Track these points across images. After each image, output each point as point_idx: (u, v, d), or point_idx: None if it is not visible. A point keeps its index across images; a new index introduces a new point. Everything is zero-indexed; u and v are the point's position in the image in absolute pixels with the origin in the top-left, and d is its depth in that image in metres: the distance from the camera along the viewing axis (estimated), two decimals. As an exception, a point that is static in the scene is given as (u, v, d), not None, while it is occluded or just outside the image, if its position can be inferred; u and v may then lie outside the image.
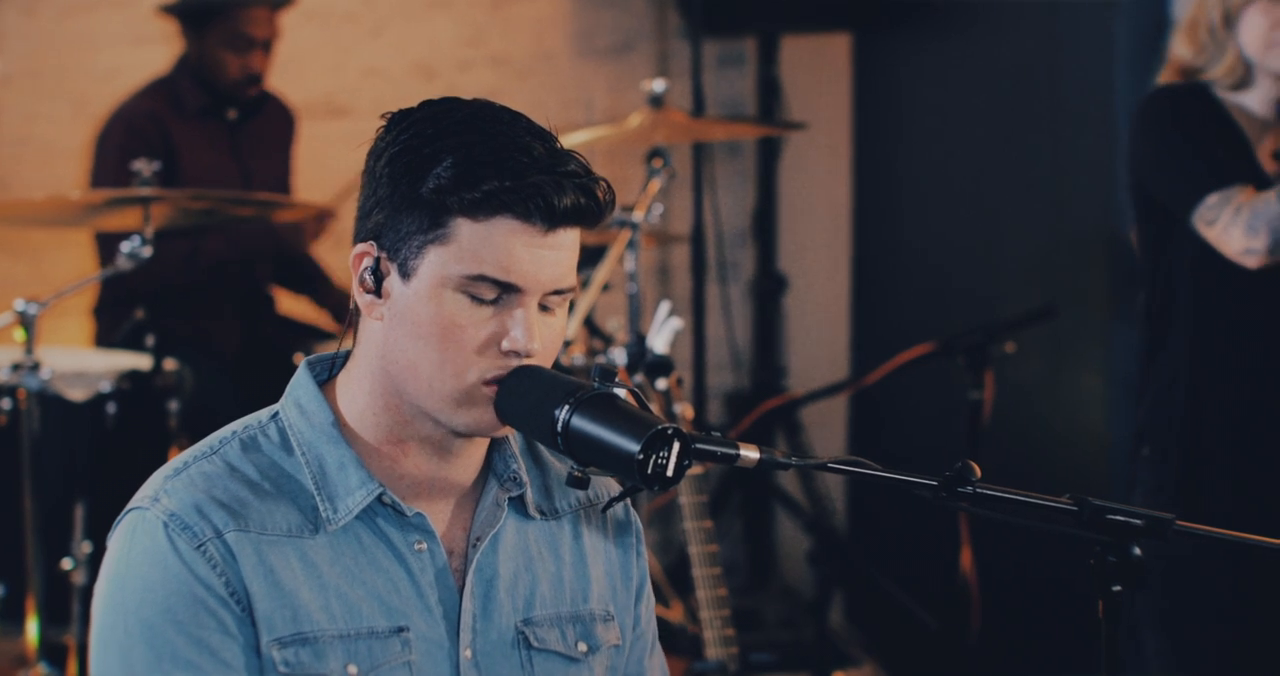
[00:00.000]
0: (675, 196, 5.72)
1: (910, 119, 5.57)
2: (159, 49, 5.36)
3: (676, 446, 1.85)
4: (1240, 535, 1.94)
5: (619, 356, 3.65)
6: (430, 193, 1.89)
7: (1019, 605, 4.60)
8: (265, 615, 1.91)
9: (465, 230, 1.89)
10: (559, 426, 1.86)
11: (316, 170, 5.42)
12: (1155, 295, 3.52)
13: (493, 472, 2.06)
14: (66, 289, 3.97)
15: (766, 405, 5.50)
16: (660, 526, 5.73)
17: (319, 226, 4.97)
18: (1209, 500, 3.41)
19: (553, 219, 1.90)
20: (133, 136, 4.78)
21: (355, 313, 2.00)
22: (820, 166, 6.00)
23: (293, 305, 5.21)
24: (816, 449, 5.66)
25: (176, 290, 4.80)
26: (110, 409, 4.12)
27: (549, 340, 1.95)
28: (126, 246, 3.91)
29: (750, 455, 1.90)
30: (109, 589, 1.93)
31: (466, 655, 2.00)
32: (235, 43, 4.87)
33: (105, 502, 4.03)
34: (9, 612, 4.00)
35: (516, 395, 1.91)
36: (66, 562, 4.03)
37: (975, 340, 4.19)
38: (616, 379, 1.90)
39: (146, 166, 4.00)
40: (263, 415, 2.02)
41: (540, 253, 1.91)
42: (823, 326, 6.02)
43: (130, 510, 1.95)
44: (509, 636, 2.03)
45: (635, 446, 1.82)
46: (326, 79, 5.77)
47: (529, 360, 1.92)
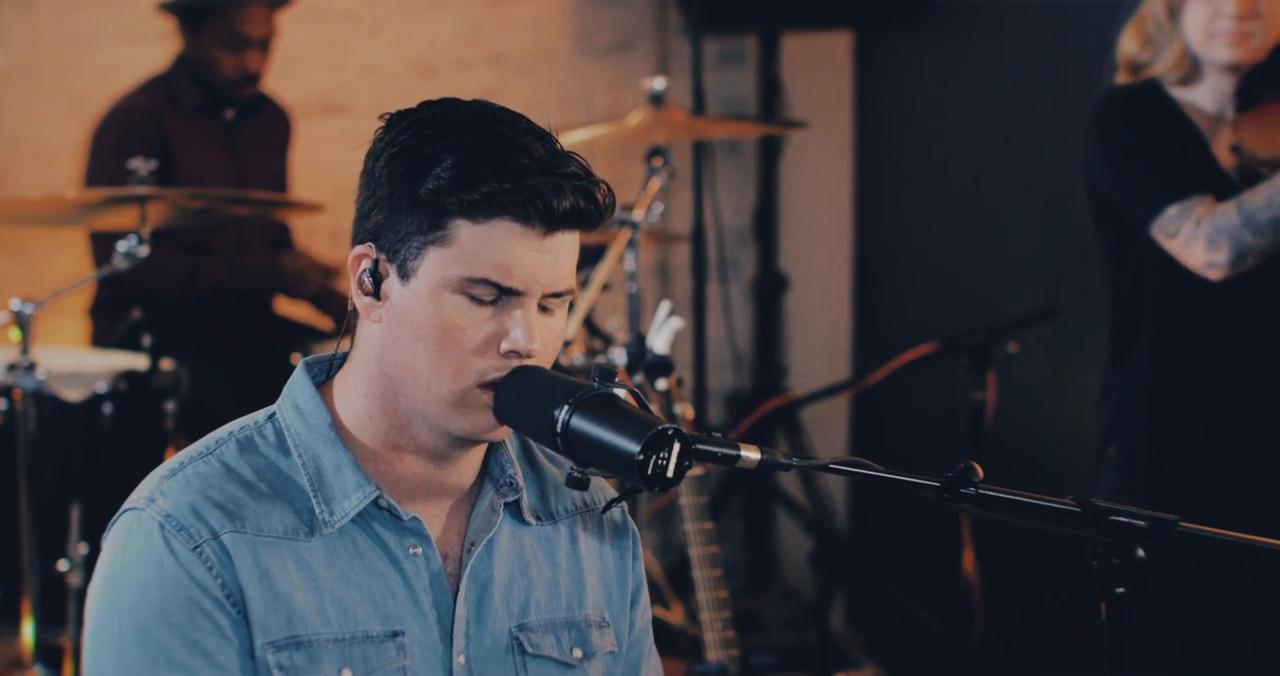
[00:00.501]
0: (675, 195, 5.71)
1: (912, 117, 5.57)
2: (156, 47, 5.34)
3: (677, 447, 1.84)
4: (1243, 536, 1.94)
5: (619, 356, 3.64)
6: (429, 193, 1.88)
7: (1022, 607, 4.59)
8: (260, 618, 1.90)
9: (465, 232, 1.89)
10: (558, 426, 1.86)
11: (314, 169, 5.41)
12: (1119, 299, 3.50)
13: (489, 477, 2.05)
14: (63, 288, 3.96)
15: (767, 405, 5.50)
16: (660, 528, 5.72)
17: (324, 279, 4.95)
18: (1177, 503, 3.38)
19: (552, 222, 1.89)
20: (130, 133, 4.78)
21: (353, 315, 1.99)
22: (821, 165, 5.99)
23: (290, 306, 5.19)
24: (818, 449, 5.65)
25: (174, 302, 4.80)
26: (107, 409, 4.11)
27: (549, 341, 1.94)
28: (123, 246, 3.89)
29: (751, 456, 1.90)
30: (104, 590, 1.92)
31: (460, 661, 1.99)
32: (231, 41, 4.86)
33: (101, 504, 4.02)
34: (4, 614, 3.99)
35: (515, 396, 1.91)
36: (62, 564, 4.03)
37: (978, 340, 4.20)
38: (616, 379, 1.90)
39: (143, 165, 3.98)
40: (260, 416, 2.02)
41: (539, 255, 1.90)
42: (824, 326, 6.02)
43: (125, 511, 1.94)
44: (503, 642, 2.02)
45: (635, 447, 1.82)
46: (324, 77, 5.76)
47: (528, 361, 1.92)
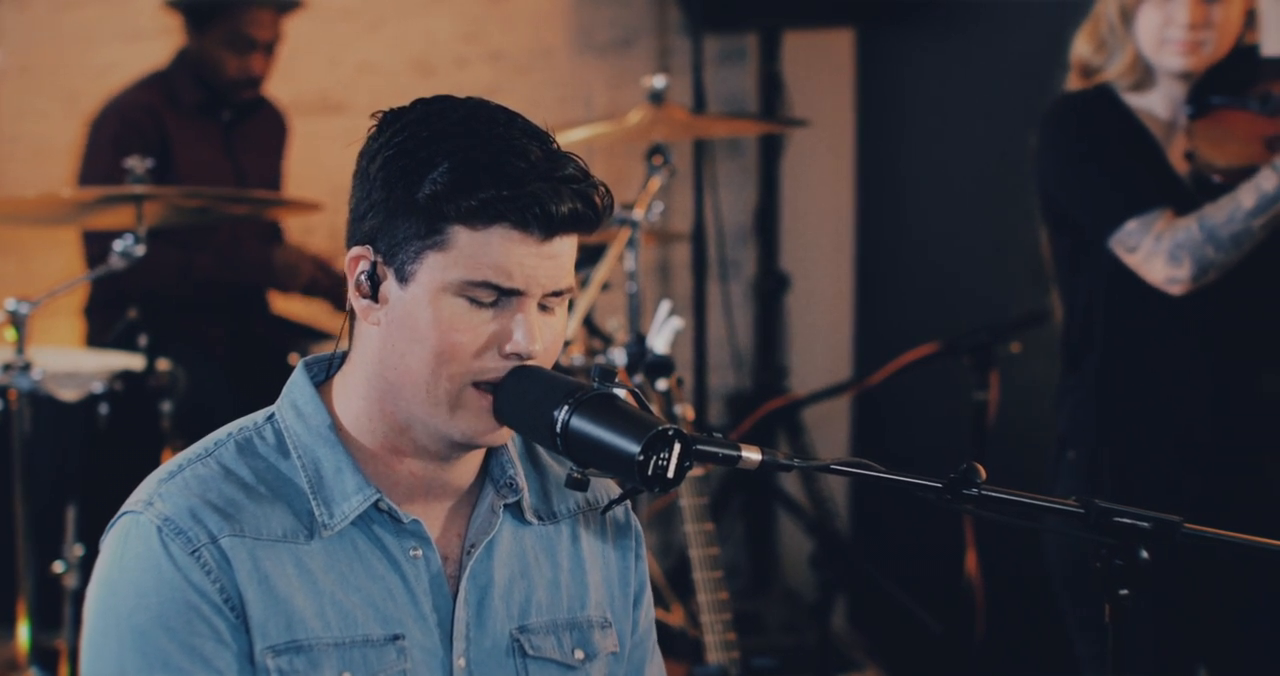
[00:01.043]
0: (676, 194, 5.70)
1: (914, 116, 5.56)
2: (154, 45, 5.33)
3: (677, 448, 1.84)
4: (1246, 537, 1.94)
5: (619, 356, 3.64)
6: (426, 199, 1.88)
7: (1024, 608, 4.57)
8: (259, 622, 1.90)
9: (463, 238, 1.88)
10: (558, 427, 1.86)
11: (311, 167, 5.39)
12: (1073, 306, 3.48)
13: (489, 478, 2.04)
14: (59, 288, 3.96)
15: (768, 406, 5.51)
16: (661, 529, 5.71)
17: (316, 270, 4.94)
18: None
19: (550, 227, 1.89)
20: (127, 128, 4.78)
21: (351, 315, 1.98)
22: (823, 164, 5.99)
23: (287, 305, 5.18)
24: (819, 450, 5.66)
25: (166, 297, 4.79)
26: (103, 410, 4.11)
27: (549, 341, 1.94)
28: (119, 245, 3.89)
29: (752, 457, 1.90)
30: (102, 594, 1.91)
31: (461, 663, 1.99)
32: (236, 43, 4.86)
33: (97, 505, 4.00)
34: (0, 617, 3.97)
35: (515, 396, 1.91)
36: (58, 566, 4.03)
37: (980, 340, 4.19)
38: (616, 379, 1.91)
39: (140, 164, 3.98)
40: (259, 417, 2.01)
41: (538, 260, 1.90)
42: (825, 326, 6.01)
43: (124, 514, 1.95)
44: (503, 644, 2.01)
45: (635, 447, 1.82)
46: (322, 75, 5.76)
47: (529, 361, 1.91)
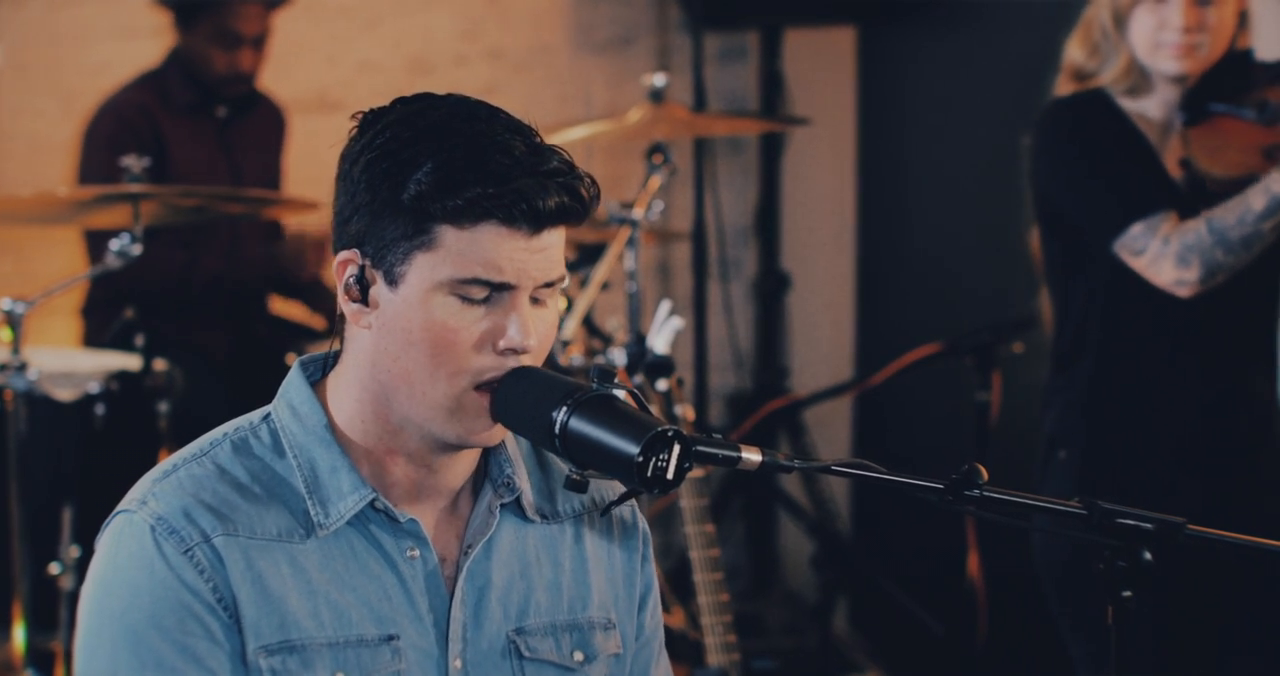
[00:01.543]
0: (676, 193, 5.70)
1: (916, 114, 5.57)
2: (150, 43, 5.33)
3: (677, 448, 1.84)
4: (1249, 539, 1.93)
5: (618, 356, 3.64)
6: (411, 200, 1.87)
7: (1027, 610, 4.56)
8: (252, 622, 1.89)
9: (450, 236, 1.87)
10: (557, 428, 1.86)
11: (310, 166, 5.37)
12: (1066, 309, 3.46)
13: (489, 478, 2.03)
14: (55, 287, 3.95)
15: (769, 406, 5.51)
16: (661, 530, 5.70)
17: (320, 255, 4.94)
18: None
19: (538, 222, 1.88)
20: (123, 128, 4.79)
21: (342, 319, 1.98)
22: (824, 163, 6.00)
23: (284, 306, 5.18)
24: (820, 451, 5.66)
25: (169, 298, 4.79)
26: (99, 410, 4.10)
27: (543, 334, 1.94)
28: (116, 244, 3.88)
29: (752, 457, 1.90)
30: (95, 593, 1.91)
31: (456, 664, 1.98)
32: (223, 38, 4.86)
33: (94, 506, 4.01)
34: (-5, 618, 3.99)
35: (513, 397, 1.90)
36: (54, 567, 4.02)
37: (983, 340, 4.20)
38: (615, 380, 1.90)
39: (136, 163, 3.97)
40: (254, 416, 2.01)
41: (528, 254, 1.89)
42: (827, 326, 6.02)
43: (118, 513, 1.94)
44: (500, 645, 2.01)
45: (635, 448, 1.81)
46: (320, 73, 5.76)
47: (525, 356, 1.91)
